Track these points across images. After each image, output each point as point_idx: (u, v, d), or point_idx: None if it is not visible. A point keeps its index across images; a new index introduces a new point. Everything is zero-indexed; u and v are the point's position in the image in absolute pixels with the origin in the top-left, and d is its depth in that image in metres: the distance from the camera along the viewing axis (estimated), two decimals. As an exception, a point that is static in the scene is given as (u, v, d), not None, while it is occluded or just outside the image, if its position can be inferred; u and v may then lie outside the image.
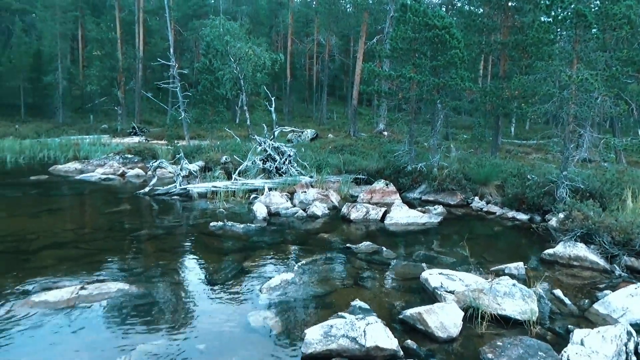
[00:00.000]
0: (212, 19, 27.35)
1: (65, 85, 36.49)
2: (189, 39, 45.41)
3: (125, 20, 39.79)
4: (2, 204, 10.52)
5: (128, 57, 36.97)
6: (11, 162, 18.62)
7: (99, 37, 34.71)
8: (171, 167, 12.47)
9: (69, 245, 7.34)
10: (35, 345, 4.15)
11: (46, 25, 37.12)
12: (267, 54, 25.33)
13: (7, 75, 35.90)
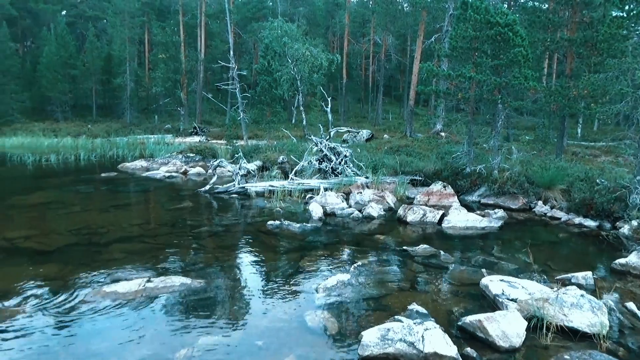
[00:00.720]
0: (270, 21, 27.85)
1: (133, 87, 38.44)
2: (247, 41, 46.54)
3: (188, 24, 41.39)
4: (77, 199, 11.27)
5: (190, 59, 38.41)
6: (84, 159, 19.89)
7: (164, 40, 36.29)
8: (230, 166, 12.83)
9: (135, 240, 7.74)
10: (106, 333, 4.42)
11: (116, 31, 39.30)
12: (323, 54, 25.49)
13: (81, 78, 38.35)
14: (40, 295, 5.23)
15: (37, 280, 5.69)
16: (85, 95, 39.93)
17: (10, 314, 4.78)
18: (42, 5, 43.77)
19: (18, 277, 5.82)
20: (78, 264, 6.35)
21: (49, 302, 5.05)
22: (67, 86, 36.75)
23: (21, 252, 6.99)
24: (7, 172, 16.50)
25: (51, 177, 15.23)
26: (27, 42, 48.04)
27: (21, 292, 5.32)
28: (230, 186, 12.01)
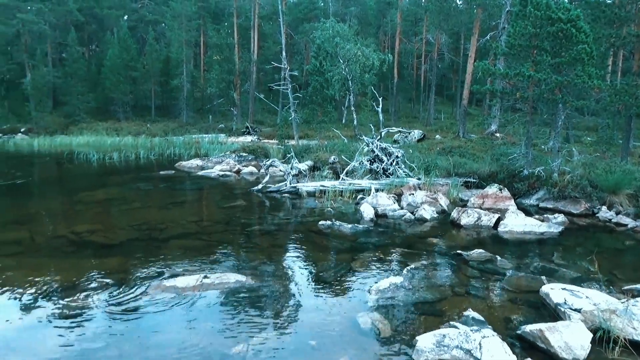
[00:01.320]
0: (322, 21, 28.05)
1: (189, 88, 39.79)
2: (299, 42, 47.02)
3: (242, 26, 42.33)
4: (138, 195, 11.80)
5: (244, 60, 39.30)
6: (144, 157, 20.79)
7: (218, 42, 37.35)
8: (282, 166, 13.02)
9: (192, 236, 8.00)
10: (166, 325, 4.60)
11: (174, 34, 40.80)
12: (375, 54, 25.37)
13: (141, 80, 40.13)
14: (105, 286, 5.52)
15: (102, 273, 6.00)
16: (145, 96, 41.75)
17: (77, 304, 5.07)
18: (107, 11, 46.12)
19: (85, 268, 6.18)
20: (139, 258, 6.65)
21: (113, 294, 5.32)
22: (128, 87, 38.59)
23: (88, 245, 7.40)
24: (75, 169, 17.54)
25: (114, 174, 16.04)
26: (92, 46, 50.77)
27: (88, 283, 5.64)
28: (282, 185, 12.18)
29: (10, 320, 4.72)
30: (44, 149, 25.53)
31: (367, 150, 13.41)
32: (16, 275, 5.92)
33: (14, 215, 9.59)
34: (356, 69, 24.11)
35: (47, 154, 23.60)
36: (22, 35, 36.46)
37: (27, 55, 36.60)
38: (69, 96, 37.76)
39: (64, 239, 7.68)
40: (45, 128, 33.81)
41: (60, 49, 44.22)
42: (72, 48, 38.52)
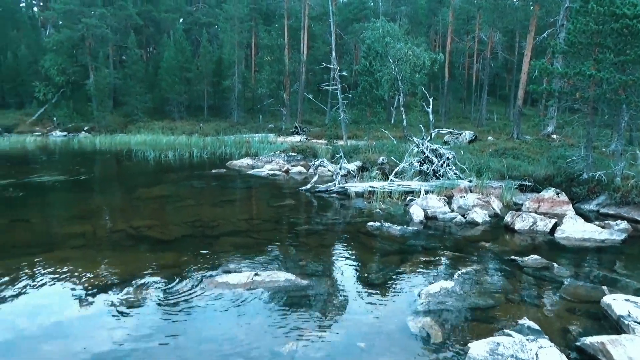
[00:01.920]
0: (373, 21, 27.88)
1: (240, 89, 40.67)
2: (348, 42, 47.00)
3: (292, 27, 42.80)
4: (191, 193, 12.21)
5: (293, 61, 39.74)
6: (197, 156, 21.47)
7: (269, 44, 37.96)
8: (331, 166, 13.08)
9: (243, 234, 8.19)
10: (218, 320, 4.75)
11: (226, 35, 41.81)
12: (426, 53, 24.97)
13: (195, 81, 41.41)
14: (161, 280, 5.75)
15: (158, 267, 6.26)
16: (198, 96, 43.06)
17: (135, 296, 5.31)
18: (164, 14, 47.89)
19: (142, 262, 6.47)
20: (193, 253, 6.89)
21: (169, 288, 5.54)
22: (182, 88, 39.92)
23: (145, 240, 7.74)
24: (133, 167, 18.36)
25: (169, 172, 16.66)
26: (150, 48, 52.90)
27: (145, 276, 5.90)
28: (331, 186, 12.24)
29: (72, 308, 5.02)
30: (104, 147, 26.88)
31: (416, 151, 13.24)
32: (80, 266, 6.27)
33: (79, 210, 10.17)
34: (406, 68, 23.79)
35: (108, 151, 24.84)
36: (86, 38, 38.48)
37: (90, 57, 38.60)
38: (128, 96, 39.59)
39: (123, 233, 8.07)
40: (106, 127, 35.58)
41: (121, 52, 46.37)
42: (132, 50, 40.34)
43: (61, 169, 16.56)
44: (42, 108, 39.26)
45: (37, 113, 39.07)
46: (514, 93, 30.23)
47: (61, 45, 38.43)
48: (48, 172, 15.63)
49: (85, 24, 37.37)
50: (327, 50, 42.41)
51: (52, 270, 6.10)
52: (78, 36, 38.13)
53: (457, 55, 45.99)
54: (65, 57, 38.86)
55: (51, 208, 10.75)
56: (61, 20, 39.69)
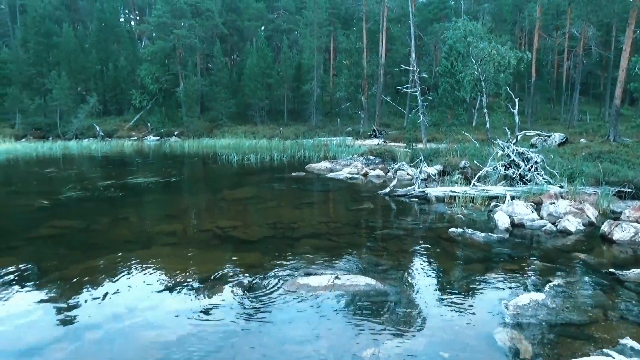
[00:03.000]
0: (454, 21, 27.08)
1: (319, 93, 41.33)
2: (428, 43, 46.08)
3: (371, 30, 42.79)
4: (272, 195, 12.59)
5: (372, 64, 39.67)
6: (277, 159, 22.10)
7: (347, 47, 38.20)
8: (410, 169, 12.89)
9: (322, 237, 8.30)
10: (299, 321, 4.85)
11: (306, 41, 42.69)
12: (511, 52, 23.78)
13: (276, 86, 42.73)
14: (244, 279, 5.99)
15: (242, 266, 6.52)
16: (279, 101, 44.36)
17: (219, 294, 5.57)
18: (247, 23, 49.91)
19: (227, 261, 6.78)
20: (275, 254, 7.09)
21: (252, 287, 5.75)
22: (264, 93, 41.34)
23: (230, 240, 8.10)
24: (219, 169, 19.30)
25: (251, 174, 17.31)
26: (233, 55, 55.34)
27: (230, 275, 6.17)
28: (410, 190, 12.05)
29: (164, 302, 5.36)
30: (192, 150, 28.48)
31: (501, 154, 12.67)
32: (171, 262, 6.71)
33: (171, 209, 10.88)
34: (490, 68, 22.82)
35: (195, 154, 26.30)
36: (177, 48, 41.08)
37: (180, 66, 41.15)
38: (214, 102, 41.76)
39: (210, 233, 8.50)
40: (194, 131, 37.72)
41: (207, 60, 48.95)
42: (217, 58, 42.49)
43: (154, 171, 17.78)
44: (138, 114, 42.48)
45: (134, 119, 42.34)
46: (610, 92, 27.90)
47: (155, 56, 41.36)
48: (143, 174, 16.86)
49: (176, 35, 39.90)
50: (406, 52, 41.89)
51: (147, 266, 6.57)
52: (170, 47, 40.81)
53: (545, 53, 43.38)
54: (159, 66, 41.76)
55: (147, 207, 11.59)
56: (155, 32, 42.67)
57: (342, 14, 50.16)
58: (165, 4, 40.25)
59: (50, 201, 11.59)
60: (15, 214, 10.78)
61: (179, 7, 40.30)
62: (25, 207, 11.19)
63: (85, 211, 10.65)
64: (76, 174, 17.78)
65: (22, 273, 6.31)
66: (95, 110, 41.81)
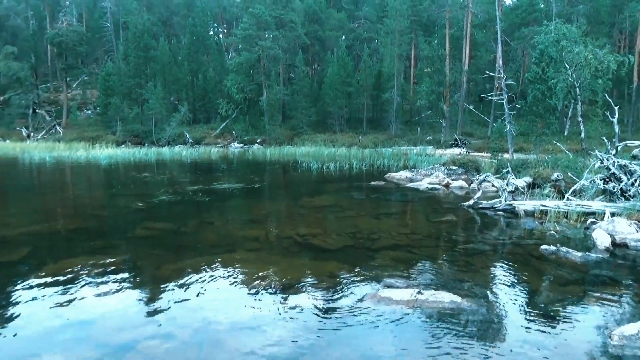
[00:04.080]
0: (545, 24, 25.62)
1: (399, 101, 40.93)
2: (515, 49, 43.95)
3: (454, 37, 41.68)
4: (351, 204, 12.59)
5: (454, 71, 38.59)
6: (356, 168, 22.12)
7: (429, 54, 37.51)
8: (496, 181, 12.29)
9: (403, 248, 8.12)
10: (380, 336, 4.73)
11: (387, 49, 42.55)
12: (611, 56, 22.01)
13: (355, 94, 42.98)
14: (324, 289, 5.99)
15: (322, 274, 6.53)
16: (358, 109, 44.54)
17: (299, 303, 5.59)
18: (328, 32, 50.76)
19: (307, 269, 6.83)
20: (354, 264, 7.04)
21: (331, 297, 5.73)
22: (344, 102, 41.72)
23: (310, 248, 8.17)
24: (298, 177, 19.69)
25: (330, 182, 17.46)
26: (314, 65, 56.45)
27: (309, 283, 6.20)
28: (496, 202, 11.48)
29: (241, 307, 5.47)
30: (274, 158, 29.35)
31: (599, 167, 11.70)
32: (253, 267, 6.89)
33: (253, 215, 11.25)
34: (586, 74, 21.26)
35: (277, 162, 27.07)
36: (261, 59, 42.71)
37: (264, 76, 42.71)
38: (294, 111, 42.87)
39: (290, 240, 8.64)
40: (275, 139, 38.91)
41: (289, 70, 50.32)
42: (299, 68, 43.60)
43: (238, 177, 18.52)
44: (224, 123, 44.63)
45: (220, 127, 44.53)
46: None
47: (241, 67, 43.28)
48: (228, 180, 17.62)
49: (261, 47, 41.50)
50: (491, 59, 40.29)
51: (231, 269, 6.81)
52: (255, 57, 42.52)
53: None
54: (244, 76, 43.64)
55: (231, 212, 12.05)
56: (241, 44, 44.72)
57: (423, 21, 49.40)
58: (252, 17, 42.01)
59: (146, 204, 12.43)
60: (116, 215, 11.70)
61: (264, 20, 41.89)
62: (124, 209, 12.11)
63: (175, 214, 11.30)
64: (168, 178, 18.97)
65: (120, 271, 6.80)
66: (186, 119, 44.57)
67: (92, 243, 8.48)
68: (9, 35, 60.06)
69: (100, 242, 8.57)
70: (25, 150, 34.62)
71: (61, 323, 5.04)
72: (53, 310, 5.37)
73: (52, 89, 62.40)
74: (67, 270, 6.71)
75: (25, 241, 8.51)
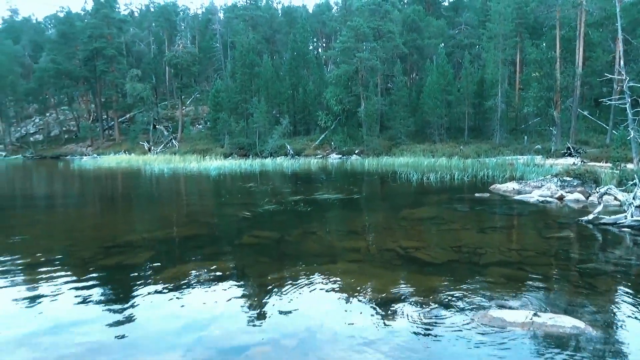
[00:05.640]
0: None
1: (503, 108, 38.88)
2: (638, 47, 39.64)
3: (564, 38, 38.63)
4: (455, 216, 12.15)
5: (566, 75, 35.77)
6: (457, 179, 21.35)
7: (537, 58, 35.20)
8: (621, 194, 11.14)
9: (513, 266, 7.64)
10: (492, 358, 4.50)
11: (489, 54, 40.73)
12: None
13: (455, 103, 41.64)
14: (429, 303, 5.82)
15: (426, 289, 6.34)
16: (458, 118, 43.07)
17: (401, 317, 5.47)
18: (427, 41, 49.89)
19: (410, 283, 6.67)
20: (460, 280, 6.76)
21: (438, 313, 5.54)
22: (443, 111, 40.62)
23: (412, 261, 8.01)
24: (398, 188, 19.47)
25: (431, 194, 17.03)
26: (412, 74, 55.71)
27: (412, 297, 6.05)
28: (621, 218, 10.40)
29: (343, 319, 5.47)
30: (372, 168, 29.34)
31: None
32: (355, 279, 6.91)
33: (354, 226, 11.32)
34: None
35: (375, 172, 27.02)
36: (359, 71, 43.13)
37: (362, 87, 43.05)
38: (392, 121, 42.62)
39: (392, 252, 8.55)
40: (373, 150, 38.94)
41: (387, 80, 50.19)
42: (397, 78, 43.34)
43: (337, 188, 18.77)
44: (323, 134, 45.68)
45: (319, 139, 45.64)
46: None
47: (339, 79, 44.06)
48: (327, 190, 17.94)
49: (359, 58, 41.92)
50: (609, 60, 36.74)
51: (333, 280, 6.90)
52: (353, 69, 43.04)
53: None
54: (342, 88, 44.34)
55: (332, 223, 12.25)
56: (340, 57, 45.48)
57: (530, 23, 46.60)
58: (350, 29, 42.66)
59: (251, 213, 13.08)
60: (225, 223, 12.47)
61: (362, 31, 42.30)
62: (232, 217, 12.86)
63: (279, 223, 11.74)
64: (271, 188, 19.80)
65: (229, 277, 7.21)
66: (287, 131, 46.34)
67: (204, 249, 9.11)
68: (134, 59, 67.05)
69: (211, 249, 9.18)
70: (147, 162, 38.30)
71: (178, 324, 5.44)
72: (170, 311, 5.84)
73: (169, 106, 68.61)
74: (182, 275, 7.28)
75: (147, 246, 9.37)
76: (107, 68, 59.67)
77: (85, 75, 62.22)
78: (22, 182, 28.26)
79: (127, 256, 8.46)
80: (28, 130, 73.27)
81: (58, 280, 7.07)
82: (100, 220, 13.48)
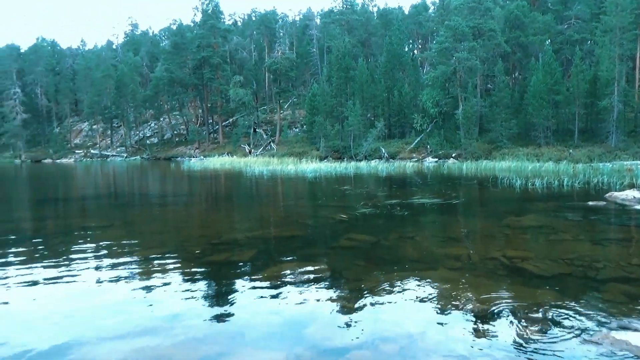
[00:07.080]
0: None
1: (620, 109, 35.39)
2: None
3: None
4: (566, 226, 11.31)
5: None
6: (567, 185, 19.84)
7: (664, 52, 31.59)
8: None
9: (637, 282, 6.96)
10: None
11: (604, 50, 37.28)
12: None
13: (564, 103, 38.67)
14: (534, 320, 5.47)
15: (534, 304, 5.95)
16: (567, 120, 40.00)
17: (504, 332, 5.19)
18: (531, 37, 46.86)
19: (515, 295, 6.30)
20: (572, 296, 6.25)
21: (545, 330, 5.21)
22: (550, 112, 37.93)
23: (519, 272, 7.58)
24: (499, 193, 18.56)
25: (536, 201, 16.00)
26: (515, 74, 52.68)
27: (517, 311, 5.72)
28: None
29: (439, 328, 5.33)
30: (470, 173, 28.26)
31: None
32: (455, 287, 6.67)
33: (453, 232, 11.01)
34: None
35: (473, 177, 25.99)
36: (457, 72, 41.75)
37: (460, 89, 41.62)
38: (493, 123, 40.66)
39: (496, 262, 8.17)
40: (472, 153, 37.48)
41: (487, 80, 48.05)
42: (499, 78, 41.29)
43: (434, 192, 18.36)
44: (419, 137, 44.89)
45: (415, 142, 44.91)
46: None
47: (436, 80, 43.04)
48: (424, 195, 17.61)
49: (457, 59, 40.60)
50: None
51: (432, 288, 6.73)
52: (450, 70, 41.78)
53: None
54: (439, 90, 43.27)
55: (430, 228, 12.02)
56: (436, 58, 44.40)
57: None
58: (448, 29, 41.49)
59: (348, 215, 13.25)
60: (322, 225, 12.76)
61: (461, 31, 40.92)
62: (329, 219, 13.11)
63: (375, 226, 11.77)
64: (366, 191, 19.88)
65: (326, 278, 7.33)
66: (381, 134, 46.22)
67: (302, 250, 9.40)
68: (236, 66, 71.18)
69: (309, 250, 9.45)
70: (247, 164, 40.39)
71: (278, 321, 5.64)
72: (270, 308, 6.07)
73: (268, 110, 71.82)
74: (281, 273, 7.58)
75: (249, 244, 9.89)
76: (213, 75, 63.99)
77: (194, 82, 67.37)
78: (140, 181, 31.23)
79: (231, 253, 9.01)
80: (145, 133, 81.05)
81: (171, 273, 7.72)
82: (207, 218, 14.49)
